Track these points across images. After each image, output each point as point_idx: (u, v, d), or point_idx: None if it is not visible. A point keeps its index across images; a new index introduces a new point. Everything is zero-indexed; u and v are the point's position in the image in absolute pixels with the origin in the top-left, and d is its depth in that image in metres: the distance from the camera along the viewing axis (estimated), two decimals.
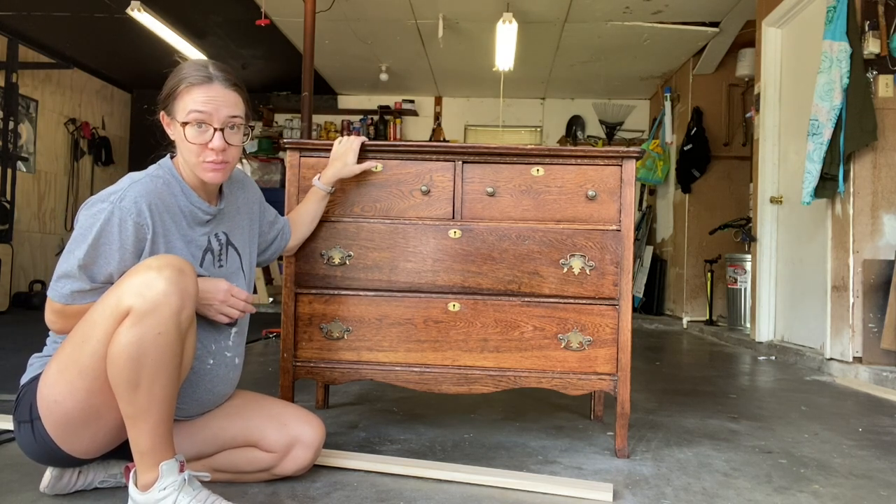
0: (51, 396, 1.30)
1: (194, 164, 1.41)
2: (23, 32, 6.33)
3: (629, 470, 1.77)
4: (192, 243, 1.45)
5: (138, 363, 1.20)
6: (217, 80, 1.41)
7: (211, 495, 1.28)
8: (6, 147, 5.77)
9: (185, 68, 1.42)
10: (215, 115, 1.39)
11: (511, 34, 5.52)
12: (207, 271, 1.48)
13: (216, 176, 1.42)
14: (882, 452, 2.03)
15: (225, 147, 1.40)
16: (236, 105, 1.43)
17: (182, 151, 1.43)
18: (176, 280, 1.22)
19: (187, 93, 1.39)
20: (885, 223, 3.53)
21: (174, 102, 1.41)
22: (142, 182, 1.38)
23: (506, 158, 1.90)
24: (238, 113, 1.43)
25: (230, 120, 1.41)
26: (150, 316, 1.20)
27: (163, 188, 1.41)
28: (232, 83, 1.43)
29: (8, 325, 4.76)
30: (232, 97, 1.42)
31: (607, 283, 1.87)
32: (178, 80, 1.41)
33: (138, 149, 8.49)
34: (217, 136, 1.39)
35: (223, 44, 6.71)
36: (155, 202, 1.37)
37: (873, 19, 3.56)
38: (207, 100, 1.38)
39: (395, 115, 8.21)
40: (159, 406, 1.23)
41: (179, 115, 1.40)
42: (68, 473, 1.44)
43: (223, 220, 1.55)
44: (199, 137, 1.39)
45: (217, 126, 1.39)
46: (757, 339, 4.59)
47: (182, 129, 1.39)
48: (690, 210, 6.53)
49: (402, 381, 1.91)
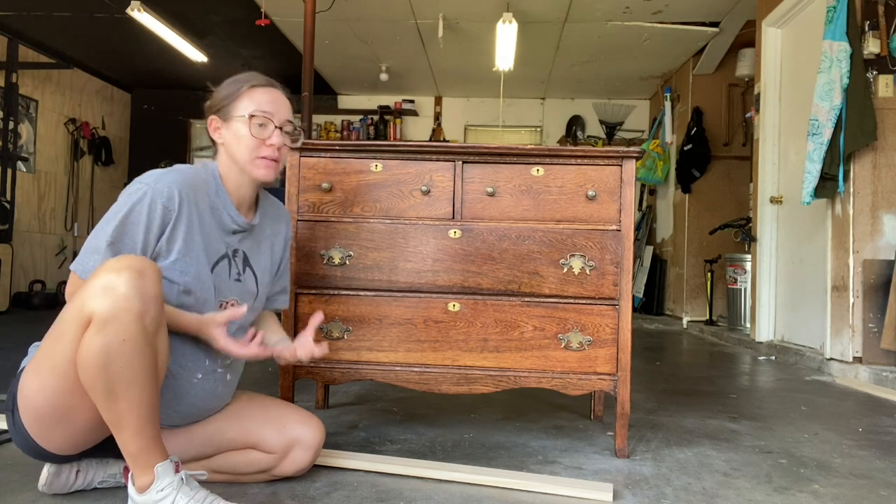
0: (24, 390, 1.31)
1: (247, 160, 1.47)
2: (23, 32, 6.33)
3: (629, 470, 1.77)
4: (210, 246, 1.45)
5: (108, 372, 1.19)
6: (277, 86, 1.53)
7: (209, 495, 1.28)
8: (6, 147, 5.77)
9: (242, 76, 1.51)
10: (277, 115, 1.48)
11: (511, 34, 5.52)
12: (218, 278, 1.46)
13: (268, 173, 1.48)
14: (882, 452, 2.03)
15: (282, 145, 1.49)
16: (290, 111, 1.54)
17: (234, 151, 1.47)
18: (136, 283, 1.19)
19: (250, 93, 1.48)
20: (885, 223, 3.53)
21: (233, 103, 1.48)
22: (182, 171, 1.42)
23: (506, 158, 1.90)
24: (292, 119, 1.53)
25: (287, 123, 1.51)
26: (111, 323, 1.18)
27: (201, 183, 1.45)
28: (287, 93, 1.55)
29: (8, 325, 4.76)
30: (288, 104, 1.54)
31: (607, 283, 1.87)
32: (239, 84, 1.49)
33: (138, 149, 8.50)
34: (277, 133, 1.48)
35: (223, 44, 6.71)
36: (187, 192, 1.40)
37: (873, 19, 3.56)
38: (272, 100, 1.49)
39: (395, 115, 8.21)
40: (139, 411, 1.22)
41: (241, 111, 1.46)
42: (66, 472, 1.44)
43: (247, 238, 1.55)
44: (261, 133, 1.46)
45: (277, 125, 1.48)
46: (757, 339, 4.59)
47: (245, 125, 1.45)
48: (690, 210, 6.53)
49: (402, 381, 1.91)
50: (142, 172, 1.43)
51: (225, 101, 1.48)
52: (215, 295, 1.46)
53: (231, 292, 1.50)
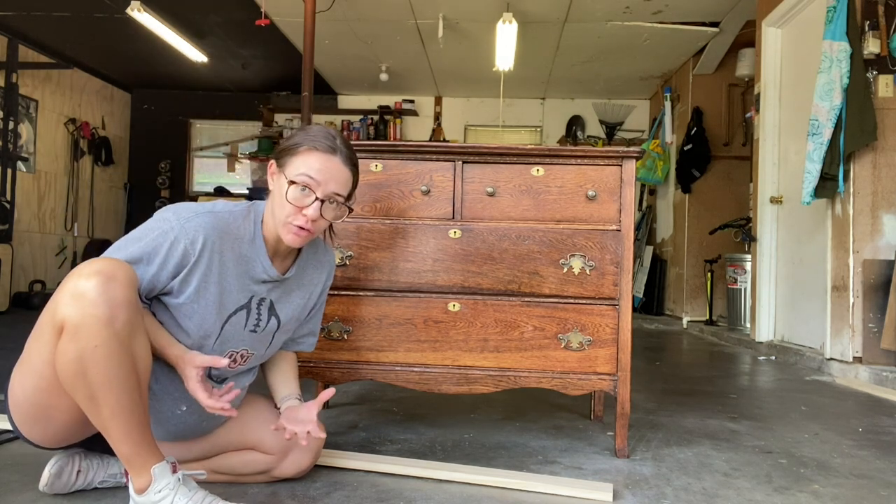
0: (11, 387, 1.33)
1: (281, 221, 1.40)
2: (23, 32, 6.33)
3: (629, 470, 1.77)
4: (229, 296, 1.41)
5: (85, 378, 1.19)
6: (340, 154, 1.42)
7: (208, 495, 1.28)
8: (6, 147, 5.77)
9: (314, 130, 1.43)
10: (323, 185, 1.39)
11: (511, 34, 5.52)
12: (232, 329, 1.44)
13: (295, 239, 1.41)
14: (882, 452, 2.03)
15: (318, 219, 1.40)
16: (346, 184, 1.44)
17: (274, 205, 1.42)
18: (103, 289, 1.18)
19: (307, 154, 1.39)
20: (885, 223, 3.53)
21: (290, 157, 1.41)
22: (217, 216, 1.38)
23: (506, 158, 1.90)
24: (343, 193, 1.44)
25: (335, 196, 1.42)
26: (81, 330, 1.17)
27: (234, 230, 1.41)
28: (351, 162, 1.45)
29: (8, 325, 4.76)
30: (345, 175, 1.43)
31: (607, 283, 1.87)
32: (305, 138, 1.41)
33: (138, 149, 8.50)
34: (315, 206, 1.39)
35: (223, 44, 6.71)
36: (214, 239, 1.36)
37: (873, 19, 3.56)
38: (323, 169, 1.39)
39: (395, 115, 8.21)
40: (124, 414, 1.21)
41: (290, 172, 1.39)
42: (67, 472, 1.44)
43: (278, 288, 1.51)
44: (300, 200, 1.38)
45: (320, 196, 1.39)
46: (757, 339, 4.59)
47: (286, 186, 1.38)
48: (690, 210, 6.53)
49: (402, 381, 1.91)
50: (142, 172, 1.43)
51: (285, 151, 1.42)
52: (221, 346, 1.43)
53: (242, 343, 1.48)
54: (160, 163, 8.49)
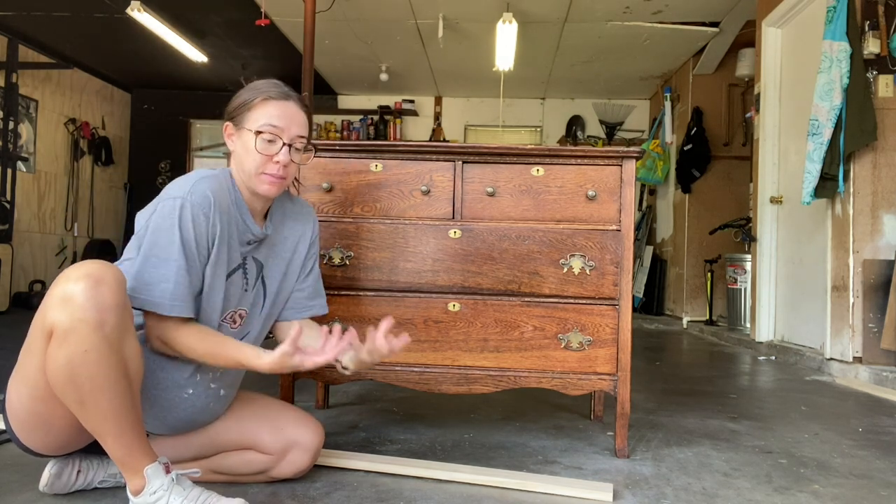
0: (8, 394, 1.33)
1: (252, 174, 1.43)
2: (23, 32, 6.33)
3: (629, 470, 1.77)
4: (231, 255, 1.44)
5: (75, 383, 1.18)
6: (293, 98, 1.47)
7: (203, 492, 1.28)
8: (6, 147, 5.77)
9: (261, 84, 1.47)
10: (287, 130, 1.43)
11: (511, 34, 5.52)
12: (233, 288, 1.46)
13: (271, 189, 1.44)
14: (882, 452, 2.03)
15: (288, 162, 1.44)
16: (304, 126, 1.48)
17: (243, 161, 1.44)
18: (92, 294, 1.17)
19: (263, 105, 1.43)
20: (885, 223, 3.53)
21: (246, 113, 1.44)
22: (209, 178, 1.40)
23: (506, 158, 1.90)
24: (305, 134, 1.48)
25: (298, 139, 1.46)
26: (70, 335, 1.17)
27: (225, 190, 1.43)
28: (304, 105, 1.49)
29: (8, 326, 4.76)
30: (302, 118, 1.48)
31: (607, 283, 1.87)
32: (256, 93, 1.45)
33: (138, 149, 8.49)
34: (284, 151, 1.43)
35: (223, 44, 6.70)
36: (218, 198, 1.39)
37: (873, 19, 3.56)
38: (282, 115, 1.43)
39: (395, 115, 8.21)
40: (114, 418, 1.21)
41: (251, 125, 1.43)
42: (67, 472, 1.44)
43: (262, 247, 1.53)
44: (268, 149, 1.42)
45: (286, 141, 1.43)
46: (757, 339, 4.59)
47: (253, 138, 1.41)
48: (690, 210, 6.53)
49: (402, 381, 1.91)
50: (142, 172, 1.44)
51: (239, 109, 1.45)
52: (224, 305, 1.45)
53: (242, 302, 1.50)
54: (160, 163, 8.49)
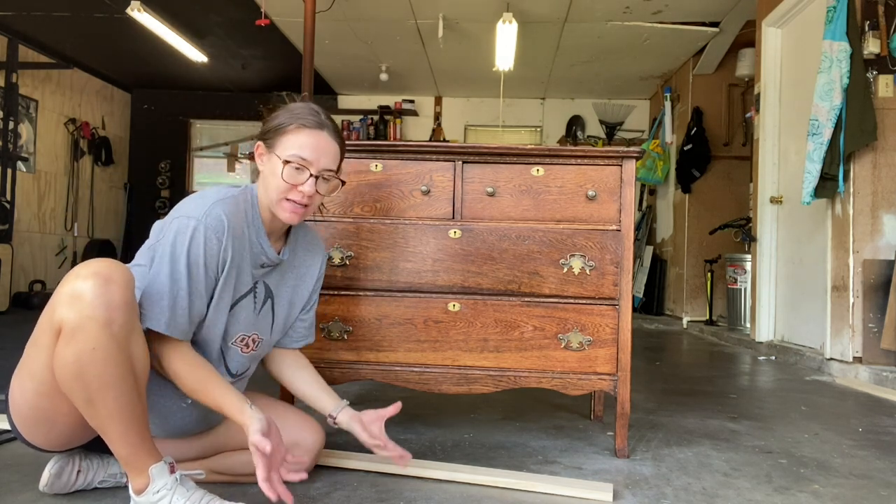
0: (11, 391, 1.33)
1: (276, 200, 1.43)
2: (23, 32, 6.33)
3: (629, 470, 1.77)
4: (240, 279, 1.43)
5: (82, 381, 1.18)
6: (327, 129, 1.46)
7: (206, 495, 1.28)
8: (6, 147, 5.77)
9: (298, 108, 1.46)
10: (315, 163, 1.43)
11: (511, 34, 5.52)
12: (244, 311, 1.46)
13: (292, 217, 1.44)
14: (882, 452, 2.03)
15: (313, 194, 1.43)
16: (335, 158, 1.48)
17: (268, 185, 1.44)
18: (101, 291, 1.18)
19: (296, 133, 1.42)
20: (885, 223, 3.53)
21: (279, 137, 1.43)
22: (226, 201, 1.39)
23: (506, 158, 1.90)
24: (334, 167, 1.48)
25: (327, 172, 1.45)
26: (79, 332, 1.17)
27: (241, 212, 1.42)
28: (338, 135, 1.48)
29: (8, 325, 4.76)
30: (334, 149, 1.47)
31: (607, 283, 1.87)
32: (291, 117, 1.44)
33: (138, 149, 8.50)
34: (310, 182, 1.42)
35: (223, 44, 6.71)
36: (233, 222, 1.38)
37: (873, 19, 3.56)
38: (315, 147, 1.42)
39: (395, 115, 8.21)
40: (121, 416, 1.21)
41: (281, 151, 1.42)
42: (67, 472, 1.44)
43: (274, 272, 1.53)
44: (294, 178, 1.41)
45: (314, 173, 1.43)
46: (757, 339, 4.59)
47: (280, 166, 1.41)
48: (690, 210, 6.53)
49: (402, 381, 1.91)
50: (142, 172, 1.44)
51: (272, 132, 1.44)
52: (233, 329, 1.45)
53: (253, 327, 1.50)
54: (160, 163, 8.49)
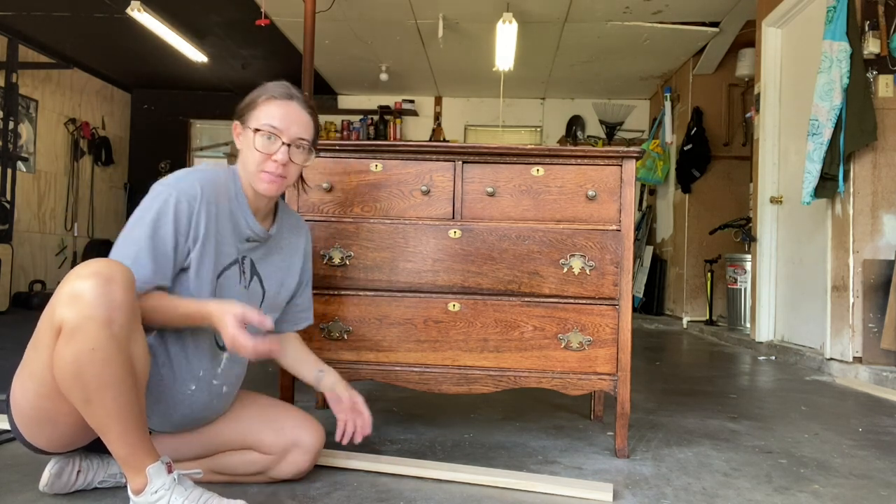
0: (13, 392, 1.33)
1: (253, 172, 1.46)
2: (23, 32, 6.33)
3: (629, 470, 1.77)
4: (222, 249, 1.44)
5: (81, 381, 1.18)
6: (296, 99, 1.49)
7: (204, 493, 1.28)
8: (6, 147, 5.76)
9: (269, 84, 1.50)
10: (286, 131, 1.46)
11: (511, 34, 5.52)
12: (228, 283, 1.46)
13: (270, 188, 1.46)
14: (882, 452, 2.03)
15: (287, 162, 1.46)
16: (307, 128, 1.50)
17: (245, 159, 1.48)
18: (102, 291, 1.18)
19: (266, 104, 1.46)
20: (885, 223, 3.53)
21: (251, 112, 1.47)
22: (204, 171, 1.43)
23: (506, 158, 1.90)
24: (307, 136, 1.50)
25: (299, 140, 1.48)
26: (79, 332, 1.17)
27: (222, 185, 1.45)
28: (308, 106, 1.51)
29: (8, 325, 4.76)
30: (305, 119, 1.50)
31: (607, 283, 1.87)
32: (261, 92, 1.48)
33: (138, 149, 8.49)
34: (283, 150, 1.45)
35: (223, 44, 6.70)
36: (209, 189, 1.41)
37: (873, 19, 3.56)
38: (284, 115, 1.46)
39: (395, 115, 8.21)
40: (119, 416, 1.21)
41: (253, 123, 1.46)
42: (67, 472, 1.44)
43: (260, 248, 1.54)
44: (267, 147, 1.44)
45: (286, 141, 1.45)
46: (757, 339, 4.59)
47: (253, 136, 1.44)
48: (690, 210, 6.53)
49: (402, 381, 1.91)
50: (142, 172, 1.45)
51: (245, 108, 1.49)
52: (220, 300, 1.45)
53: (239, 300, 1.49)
54: (160, 163, 8.48)
